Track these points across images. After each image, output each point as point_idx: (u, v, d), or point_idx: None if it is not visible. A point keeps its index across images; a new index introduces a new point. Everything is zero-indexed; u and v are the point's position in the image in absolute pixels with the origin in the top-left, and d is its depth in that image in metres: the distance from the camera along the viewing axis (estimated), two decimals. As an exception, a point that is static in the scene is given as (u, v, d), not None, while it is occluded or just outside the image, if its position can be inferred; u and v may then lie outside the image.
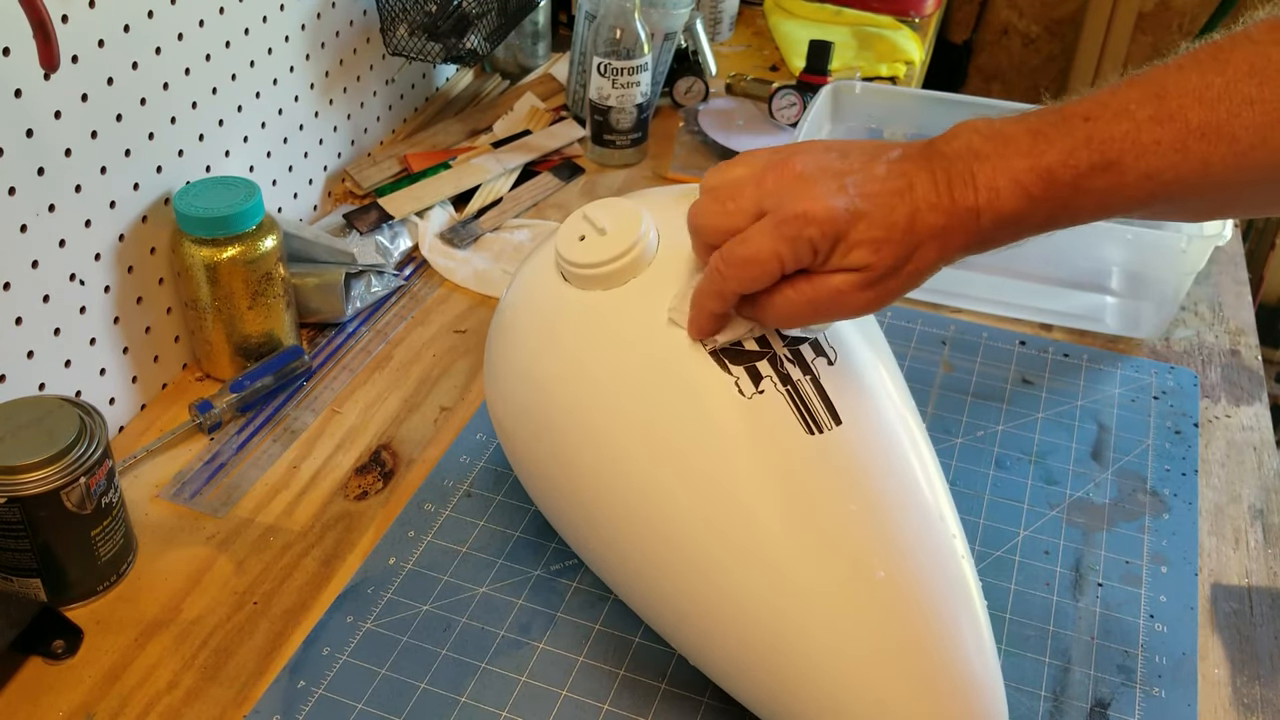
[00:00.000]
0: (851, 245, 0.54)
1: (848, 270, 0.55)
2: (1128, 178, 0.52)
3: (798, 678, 0.55)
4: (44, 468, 0.64)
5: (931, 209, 0.54)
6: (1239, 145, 0.50)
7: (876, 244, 0.54)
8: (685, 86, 1.25)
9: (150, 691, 0.64)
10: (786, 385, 0.58)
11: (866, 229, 0.54)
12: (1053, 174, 0.52)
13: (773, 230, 0.55)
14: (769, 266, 0.55)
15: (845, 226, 0.54)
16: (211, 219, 0.79)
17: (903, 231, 0.54)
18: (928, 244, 0.54)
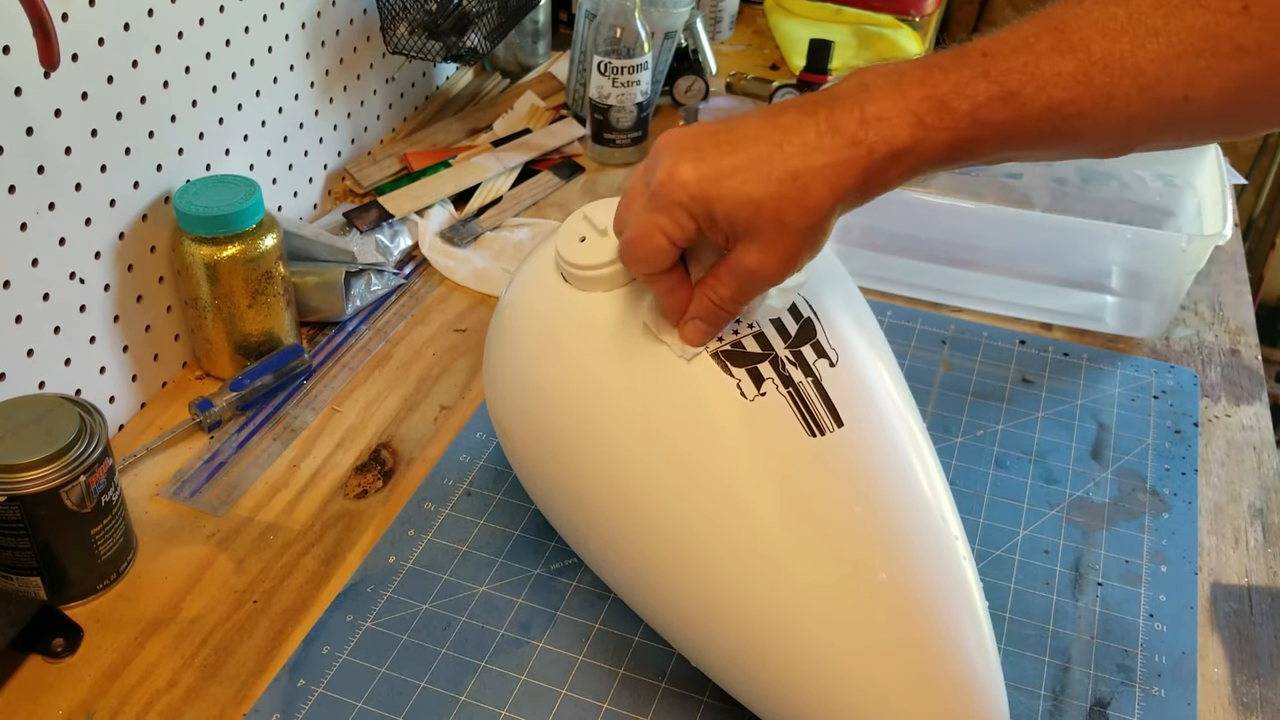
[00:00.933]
0: (730, 209, 0.52)
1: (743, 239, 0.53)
2: (1028, 109, 0.50)
3: (800, 677, 0.55)
4: (44, 466, 0.64)
5: (814, 149, 0.51)
6: (1144, 78, 0.49)
7: (755, 202, 0.52)
8: (685, 85, 1.25)
9: (150, 690, 0.64)
10: (788, 387, 0.58)
11: (739, 184, 0.52)
12: (947, 103, 0.51)
13: (647, 205, 0.54)
14: (655, 240, 0.55)
15: (713, 185, 0.52)
16: (211, 217, 0.79)
17: (779, 181, 0.52)
18: (815, 188, 0.52)
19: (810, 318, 0.61)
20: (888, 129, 0.51)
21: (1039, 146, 0.52)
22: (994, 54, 0.51)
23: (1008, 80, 0.50)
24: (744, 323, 0.60)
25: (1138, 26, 0.49)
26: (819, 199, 0.52)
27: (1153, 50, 0.49)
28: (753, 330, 0.60)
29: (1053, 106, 0.50)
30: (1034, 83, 0.50)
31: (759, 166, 0.52)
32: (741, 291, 0.56)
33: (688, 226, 0.54)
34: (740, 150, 0.53)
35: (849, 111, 0.51)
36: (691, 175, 0.53)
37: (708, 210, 0.53)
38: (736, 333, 0.59)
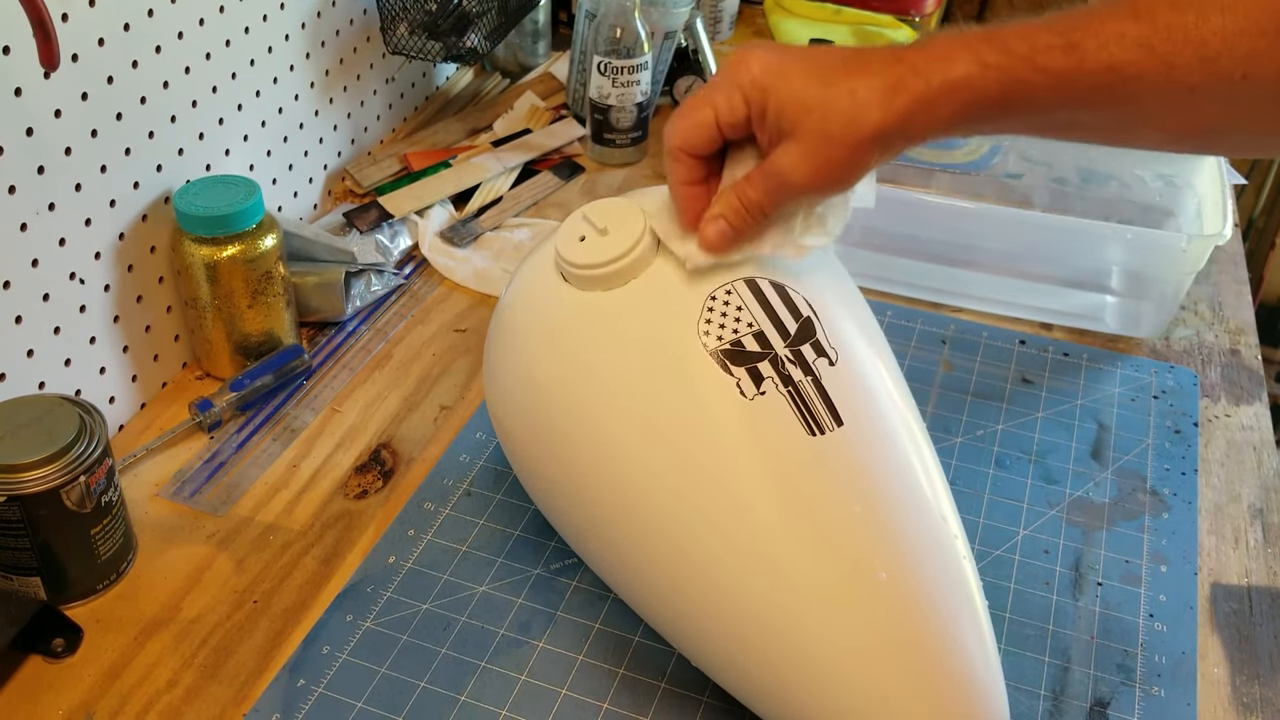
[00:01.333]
0: (783, 102, 0.54)
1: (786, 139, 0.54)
2: (1088, 64, 0.51)
3: (800, 676, 0.55)
4: (44, 466, 0.64)
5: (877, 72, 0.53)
6: (1206, 49, 0.50)
7: (808, 103, 0.53)
8: (685, 85, 1.25)
9: (150, 690, 0.64)
10: (788, 386, 0.58)
11: (800, 83, 0.53)
12: (1008, 43, 0.52)
13: (714, 82, 0.56)
14: (703, 113, 0.56)
15: (776, 77, 0.54)
16: (211, 218, 0.79)
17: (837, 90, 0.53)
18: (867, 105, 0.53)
19: (810, 316, 0.61)
20: (947, 63, 0.52)
21: (1096, 105, 0.53)
22: (1060, 16, 0.52)
23: (1071, 33, 0.51)
24: (755, 317, 0.59)
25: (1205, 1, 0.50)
26: (868, 116, 0.53)
27: (1217, 24, 0.50)
28: (752, 329, 0.60)
29: (1113, 65, 0.51)
30: (1096, 39, 0.51)
31: (824, 75, 0.53)
32: (770, 196, 0.56)
33: (739, 109, 0.55)
34: (813, 59, 0.54)
35: (913, 49, 0.53)
36: (760, 63, 0.54)
37: (762, 99, 0.54)
38: (737, 331, 0.59)
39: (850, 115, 0.53)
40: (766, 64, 0.54)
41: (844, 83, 0.53)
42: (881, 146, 0.54)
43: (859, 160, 0.55)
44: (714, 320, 0.60)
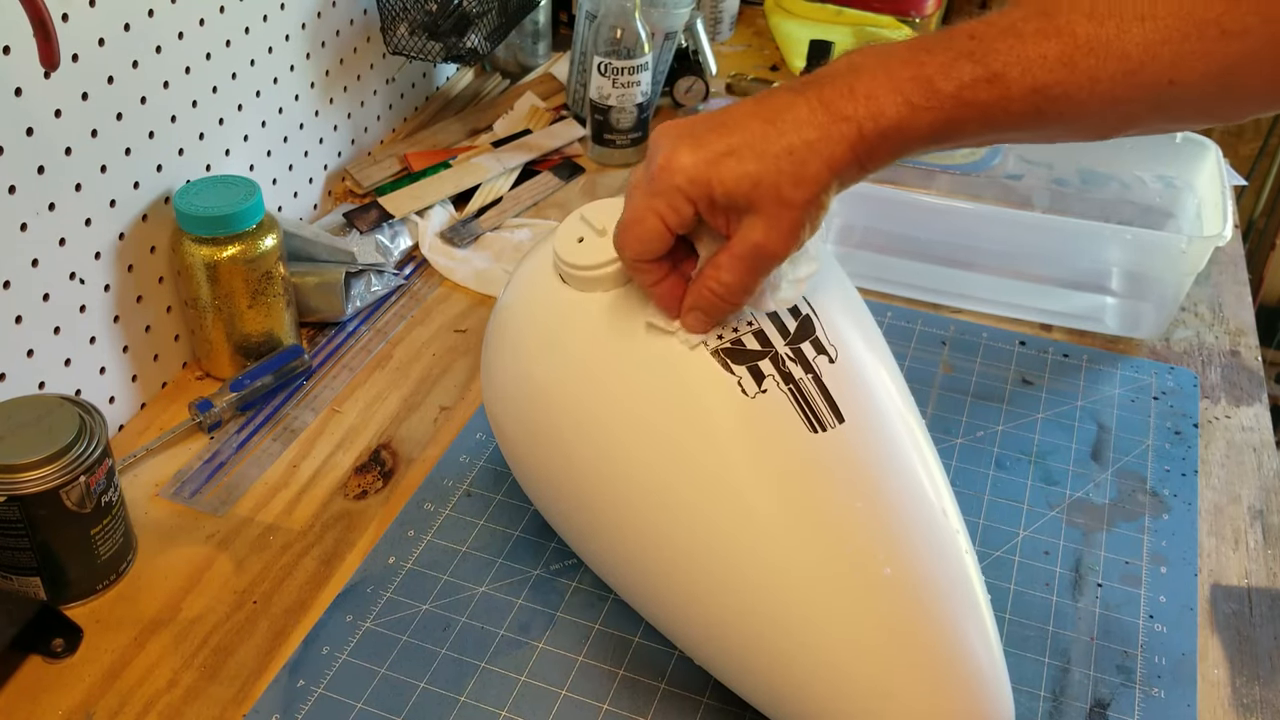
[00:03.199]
0: (729, 190, 0.53)
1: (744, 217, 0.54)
2: (1013, 90, 0.51)
3: (805, 674, 0.55)
4: (44, 466, 0.64)
5: (806, 124, 0.52)
6: (1129, 62, 0.50)
7: (753, 178, 0.53)
8: (686, 86, 1.25)
9: (150, 690, 0.64)
10: (789, 384, 0.58)
11: (737, 163, 0.53)
12: (933, 83, 0.51)
13: (646, 189, 0.55)
14: (650, 224, 0.55)
15: (711, 167, 0.53)
16: (211, 218, 0.79)
17: (775, 156, 0.52)
18: (810, 161, 0.53)
19: (809, 315, 0.61)
20: (875, 107, 0.52)
21: (1024, 127, 0.53)
22: (980, 36, 0.52)
23: (993, 61, 0.51)
24: (754, 315, 0.60)
25: (1124, 11, 0.50)
26: (815, 172, 0.53)
27: (1138, 35, 0.49)
28: (752, 328, 0.60)
29: (1037, 88, 0.51)
30: (1019, 65, 0.51)
31: (755, 145, 0.53)
32: (749, 273, 0.56)
33: (685, 211, 0.54)
34: (735, 132, 0.53)
35: (839, 89, 0.52)
36: (689, 159, 0.53)
37: (707, 193, 0.53)
38: (737, 330, 0.59)
39: (797, 176, 0.53)
40: (694, 158, 0.53)
41: (778, 146, 0.53)
42: (838, 185, 0.54)
43: (818, 209, 0.55)
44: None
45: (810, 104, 0.53)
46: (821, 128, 0.52)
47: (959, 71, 0.51)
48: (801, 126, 0.52)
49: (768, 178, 0.53)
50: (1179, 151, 1.01)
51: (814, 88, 0.53)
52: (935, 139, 0.53)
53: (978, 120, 0.52)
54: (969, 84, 0.51)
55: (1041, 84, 0.51)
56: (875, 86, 0.52)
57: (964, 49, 0.52)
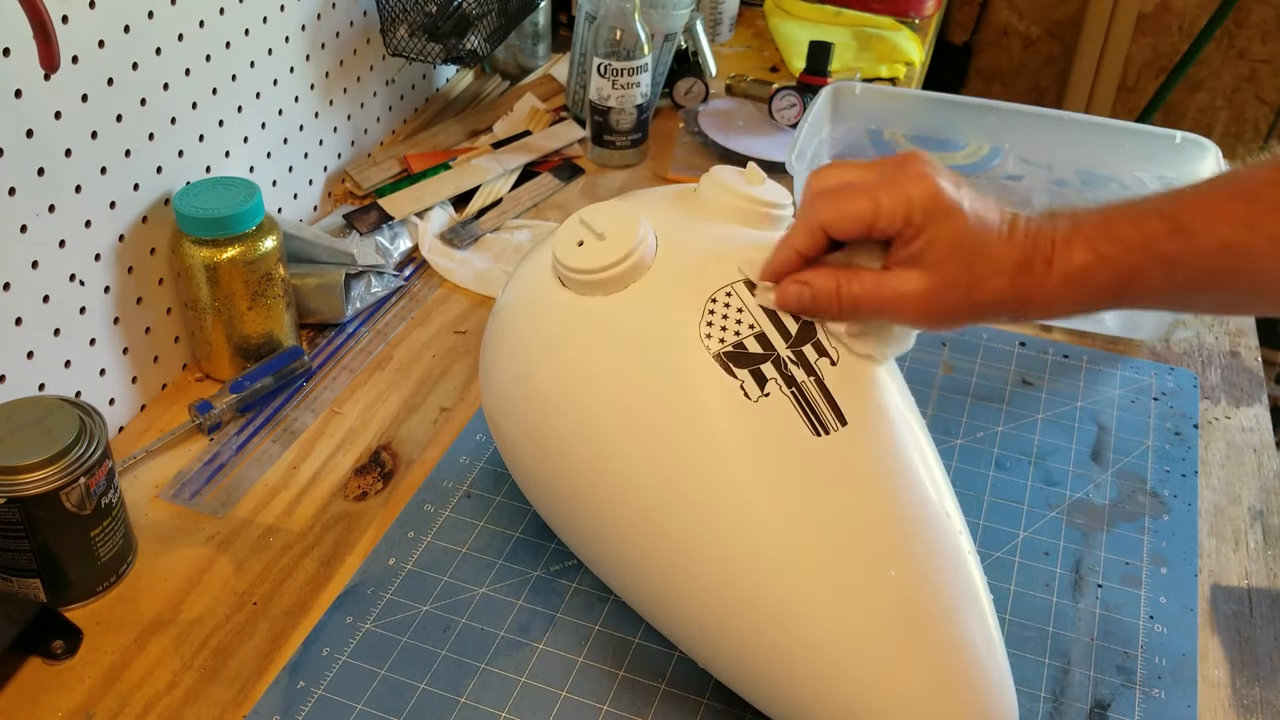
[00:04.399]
0: (938, 236, 0.55)
1: (921, 268, 0.56)
2: (1199, 244, 0.53)
3: (809, 675, 0.55)
4: (44, 468, 0.64)
5: (1016, 245, 0.55)
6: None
7: (958, 247, 0.55)
8: (685, 87, 1.25)
9: (150, 692, 0.64)
10: (791, 387, 0.58)
11: (958, 228, 0.55)
12: (1123, 234, 0.54)
13: (883, 185, 0.56)
14: (860, 206, 0.56)
15: (944, 211, 0.55)
16: (211, 219, 0.79)
17: (985, 249, 0.55)
18: (998, 276, 0.56)
19: (810, 318, 0.62)
20: (1069, 252, 0.55)
21: (1208, 287, 0.55)
22: (1171, 197, 0.55)
23: (1182, 215, 0.54)
24: (756, 319, 0.60)
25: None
26: (994, 284, 0.56)
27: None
28: (754, 331, 0.60)
29: (1224, 244, 0.53)
30: (1205, 219, 0.53)
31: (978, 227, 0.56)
32: (873, 305, 0.58)
33: (898, 213, 0.56)
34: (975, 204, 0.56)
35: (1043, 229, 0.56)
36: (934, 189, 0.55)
37: (923, 224, 0.56)
38: (739, 334, 0.59)
39: (981, 276, 0.56)
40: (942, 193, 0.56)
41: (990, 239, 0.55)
42: (990, 314, 0.57)
43: (966, 317, 0.58)
44: (715, 323, 0.60)
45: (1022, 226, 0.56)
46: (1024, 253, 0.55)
47: (1148, 224, 0.54)
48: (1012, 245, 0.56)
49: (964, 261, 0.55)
50: (1179, 152, 1.01)
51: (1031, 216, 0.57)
52: (1115, 290, 0.55)
53: (1161, 274, 0.54)
54: (1157, 235, 0.54)
55: (1228, 240, 0.53)
56: (1073, 234, 0.55)
57: (1154, 206, 0.55)
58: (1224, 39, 2.12)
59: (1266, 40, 2.11)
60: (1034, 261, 0.55)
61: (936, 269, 0.56)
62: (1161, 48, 2.18)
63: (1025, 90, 2.31)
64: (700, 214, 0.65)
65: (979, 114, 1.08)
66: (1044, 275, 0.55)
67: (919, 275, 0.56)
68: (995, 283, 0.56)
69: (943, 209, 0.55)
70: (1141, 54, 2.19)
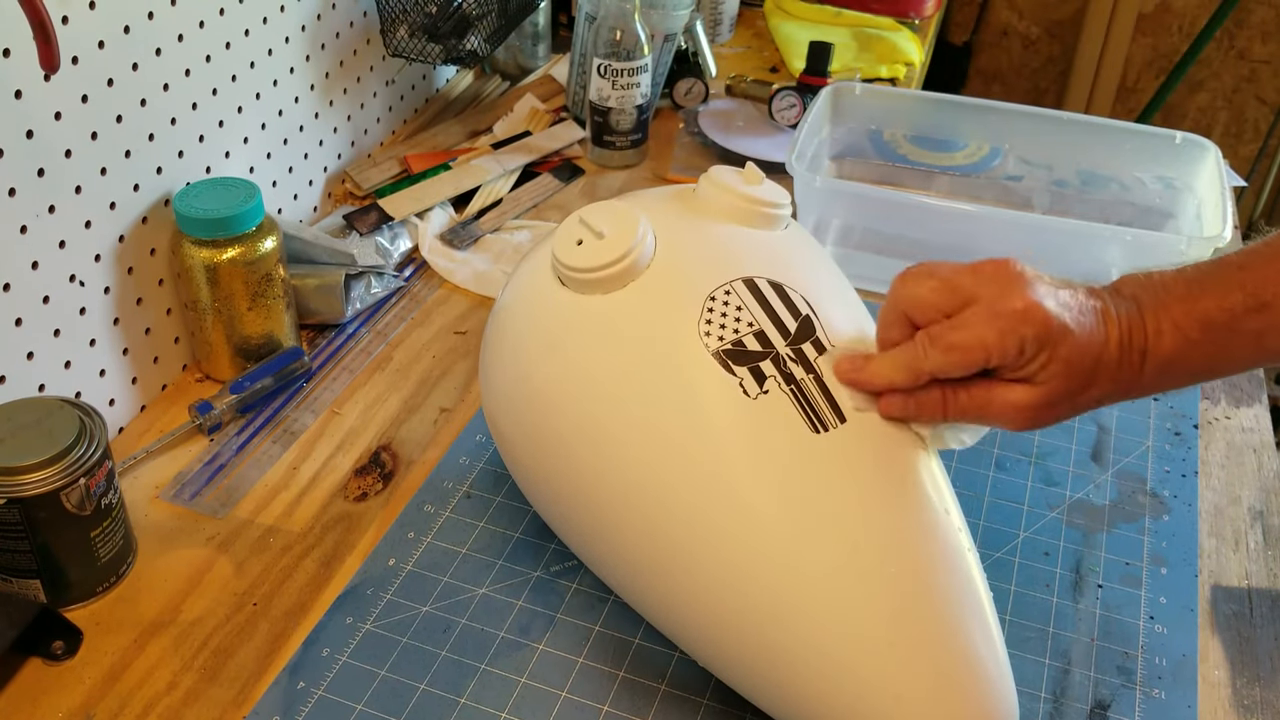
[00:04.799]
0: (1052, 358, 0.55)
1: (1028, 383, 0.56)
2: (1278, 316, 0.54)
3: (810, 673, 0.55)
4: (44, 469, 0.64)
5: (1115, 344, 0.56)
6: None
7: (1070, 365, 0.55)
8: (685, 88, 1.25)
9: (150, 692, 0.64)
10: (790, 385, 0.58)
11: (1069, 349, 0.55)
12: (1209, 317, 0.55)
13: (989, 319, 0.55)
14: (975, 356, 0.56)
15: (1056, 336, 0.55)
16: (211, 220, 0.79)
17: (1092, 360, 0.56)
18: (1101, 379, 0.56)
19: (808, 314, 0.62)
20: (1159, 342, 0.56)
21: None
22: (1249, 267, 0.56)
23: (1263, 291, 0.54)
24: (755, 318, 0.60)
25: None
26: (1099, 393, 0.57)
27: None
28: (753, 329, 0.60)
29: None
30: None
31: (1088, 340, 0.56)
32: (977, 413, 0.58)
33: (1011, 358, 0.56)
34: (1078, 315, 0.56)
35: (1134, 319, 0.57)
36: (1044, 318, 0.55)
37: (1041, 347, 0.55)
38: (738, 332, 0.59)
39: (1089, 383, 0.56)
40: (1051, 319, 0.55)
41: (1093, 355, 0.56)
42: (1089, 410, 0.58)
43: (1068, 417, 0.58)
44: (714, 321, 0.60)
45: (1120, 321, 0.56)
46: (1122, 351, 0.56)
47: (1230, 303, 0.55)
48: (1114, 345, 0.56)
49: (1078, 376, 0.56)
50: (1179, 153, 1.01)
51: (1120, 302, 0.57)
52: (1204, 372, 0.57)
53: (1248, 350, 0.56)
54: (1240, 314, 0.55)
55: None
56: (1160, 322, 0.56)
57: (1235, 281, 0.55)
58: (1224, 39, 2.12)
59: (1266, 40, 2.11)
60: (1131, 356, 0.56)
61: (1047, 384, 0.56)
62: (1161, 48, 2.18)
63: (1025, 90, 2.31)
64: (699, 214, 0.65)
65: (979, 114, 1.08)
66: (1139, 369, 0.56)
67: (1029, 389, 0.57)
68: (1098, 386, 0.57)
69: (1054, 334, 0.55)
70: (1141, 54, 2.20)
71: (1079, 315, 0.56)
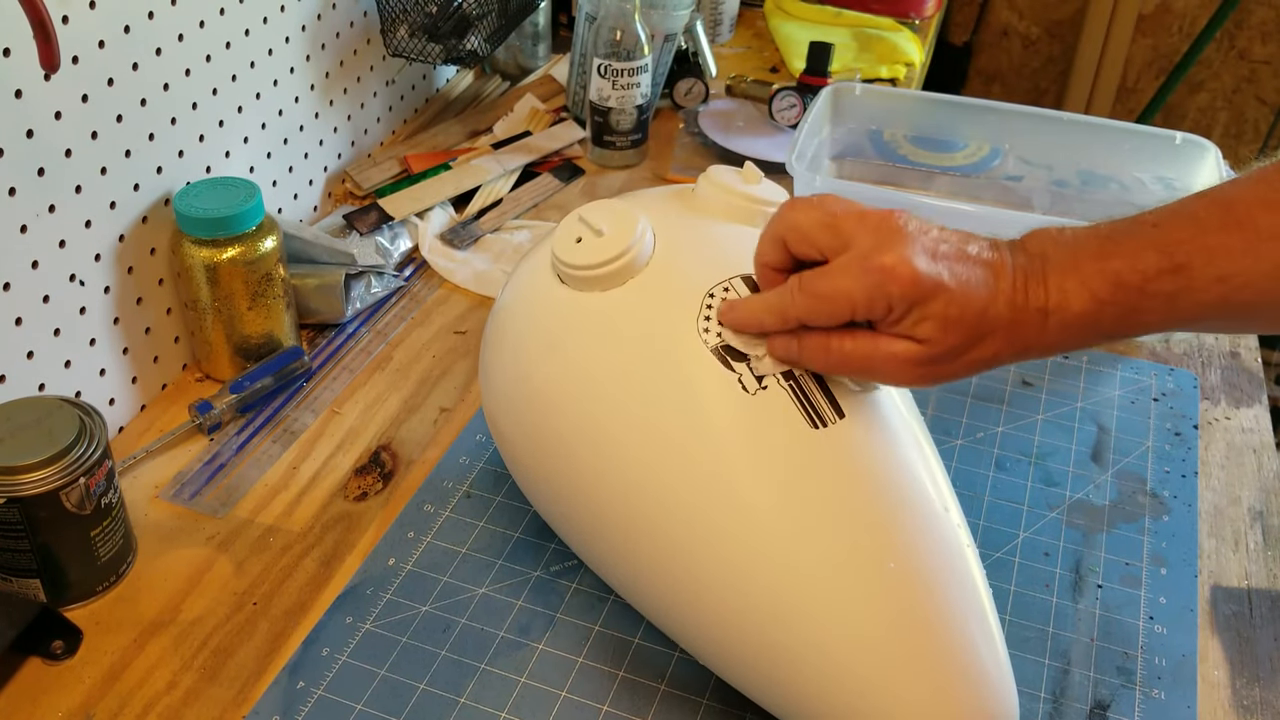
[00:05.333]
0: (924, 316, 0.54)
1: (910, 339, 0.55)
2: (1196, 281, 0.52)
3: (810, 671, 0.55)
4: (44, 468, 0.64)
5: (1006, 302, 0.54)
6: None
7: (947, 322, 0.54)
8: (685, 88, 1.25)
9: (149, 692, 0.64)
10: (789, 380, 0.58)
11: (944, 305, 0.54)
12: (1120, 276, 0.53)
13: (858, 272, 0.54)
14: (839, 307, 0.55)
15: (926, 294, 0.53)
16: (211, 220, 0.79)
17: (975, 316, 0.54)
18: (992, 336, 0.54)
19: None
20: (1065, 301, 0.54)
21: (1210, 317, 0.54)
22: (1163, 224, 0.53)
23: (1177, 252, 0.52)
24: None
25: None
26: (992, 350, 0.55)
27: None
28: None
29: (1220, 278, 0.52)
30: (1202, 254, 0.52)
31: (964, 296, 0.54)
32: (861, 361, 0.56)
33: (878, 312, 0.55)
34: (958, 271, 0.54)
35: (1036, 276, 0.54)
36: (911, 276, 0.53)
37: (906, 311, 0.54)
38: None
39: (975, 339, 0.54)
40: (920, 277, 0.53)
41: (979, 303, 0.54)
42: (986, 369, 0.56)
43: (963, 375, 0.56)
44: (713, 317, 0.60)
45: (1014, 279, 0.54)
46: (1017, 310, 0.54)
47: (1144, 264, 0.53)
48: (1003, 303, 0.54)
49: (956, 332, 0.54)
50: (1178, 153, 1.01)
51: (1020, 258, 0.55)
52: (1115, 332, 0.55)
53: (1162, 310, 0.53)
54: (1153, 276, 0.52)
55: (1225, 273, 0.52)
56: (1066, 280, 0.54)
57: (1148, 239, 0.53)
58: (1224, 40, 2.12)
59: (1266, 41, 2.11)
60: (1027, 314, 0.54)
61: (926, 341, 0.55)
62: (1161, 48, 2.18)
63: (1025, 91, 2.31)
64: (698, 213, 0.66)
65: (979, 114, 1.08)
66: (1040, 327, 0.54)
67: (909, 344, 0.55)
68: (990, 343, 0.55)
69: (924, 293, 0.53)
70: (1141, 54, 2.20)
71: (960, 271, 0.54)
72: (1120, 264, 0.53)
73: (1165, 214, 0.54)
